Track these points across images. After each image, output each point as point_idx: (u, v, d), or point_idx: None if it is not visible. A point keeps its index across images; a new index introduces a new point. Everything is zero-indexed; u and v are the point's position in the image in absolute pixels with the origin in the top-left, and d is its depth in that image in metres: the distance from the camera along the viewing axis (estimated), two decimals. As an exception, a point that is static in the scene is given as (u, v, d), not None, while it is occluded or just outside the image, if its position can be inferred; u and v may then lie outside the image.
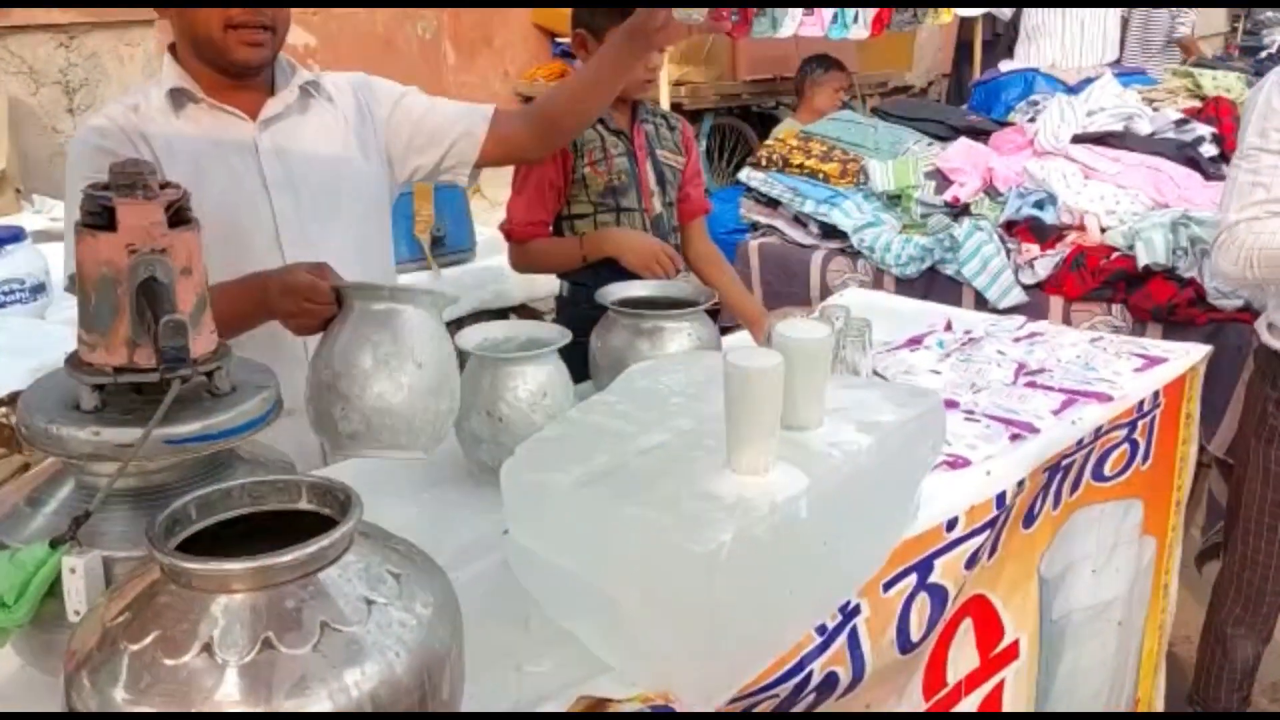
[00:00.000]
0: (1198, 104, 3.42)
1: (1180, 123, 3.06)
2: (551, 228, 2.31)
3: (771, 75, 6.07)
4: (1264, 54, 5.93)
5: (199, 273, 1.07)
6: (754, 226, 3.51)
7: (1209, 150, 3.02)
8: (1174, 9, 5.70)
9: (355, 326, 1.30)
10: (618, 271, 2.13)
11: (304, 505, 0.96)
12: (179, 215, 1.06)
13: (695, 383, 1.39)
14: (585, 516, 1.12)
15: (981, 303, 2.72)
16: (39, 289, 2.73)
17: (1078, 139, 2.99)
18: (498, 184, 4.29)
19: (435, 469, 1.62)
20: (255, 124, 1.71)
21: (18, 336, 2.51)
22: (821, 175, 3.15)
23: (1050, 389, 1.86)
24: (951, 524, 1.49)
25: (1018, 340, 2.12)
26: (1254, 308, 2.41)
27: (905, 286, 2.86)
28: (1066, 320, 2.60)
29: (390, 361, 1.27)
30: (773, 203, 3.30)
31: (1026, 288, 2.67)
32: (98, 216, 1.02)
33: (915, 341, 2.11)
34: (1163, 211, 2.59)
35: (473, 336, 1.60)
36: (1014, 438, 1.66)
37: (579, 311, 2.21)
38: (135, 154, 1.63)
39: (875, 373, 1.93)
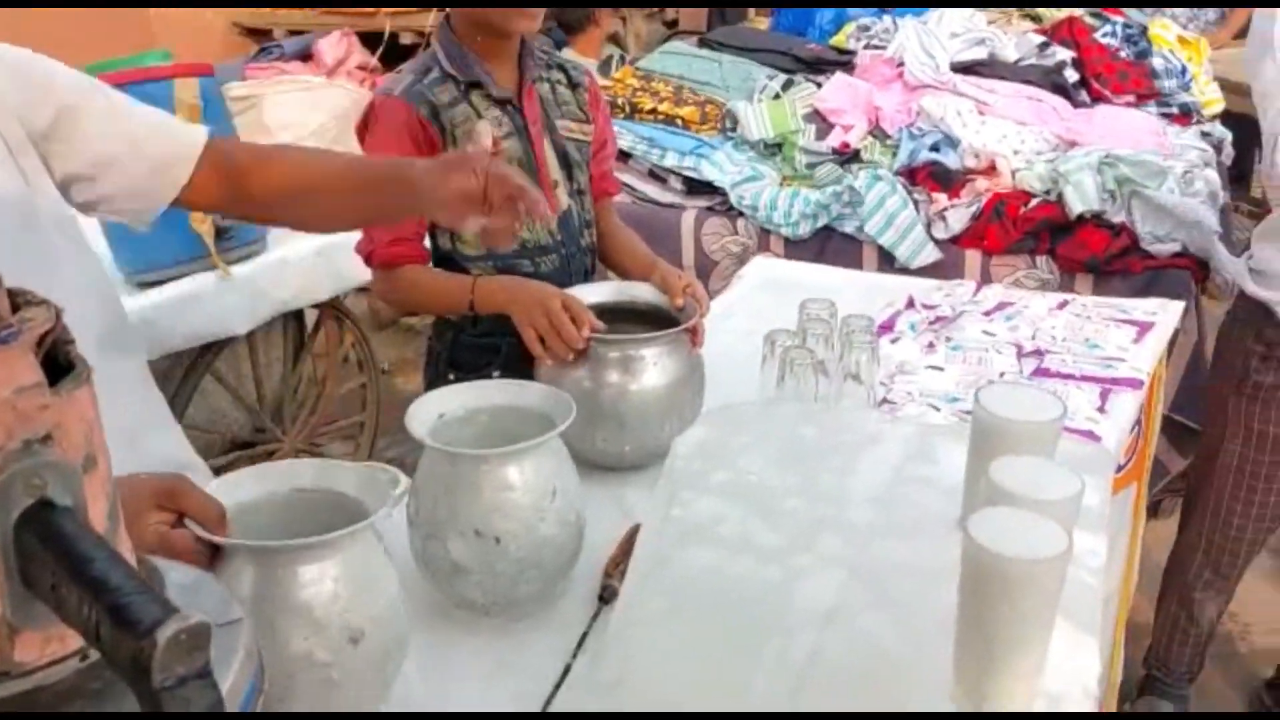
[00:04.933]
0: (1031, 24, 3.31)
1: (1042, 46, 2.89)
2: (431, 250, 1.68)
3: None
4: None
5: (105, 459, 0.57)
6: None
7: (1071, 76, 2.87)
8: None
9: None
10: None
11: None
12: (53, 354, 0.55)
13: (782, 457, 1.01)
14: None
15: (885, 262, 2.45)
16: None
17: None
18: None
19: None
20: None
21: None
22: (680, 121, 2.76)
23: (1071, 377, 1.61)
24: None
25: (988, 314, 1.86)
26: (1192, 252, 2.26)
27: (795, 248, 2.54)
28: (986, 277, 2.38)
29: None
30: (620, 155, 2.87)
31: (938, 242, 2.41)
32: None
33: (886, 328, 1.80)
34: (1083, 151, 2.39)
35: (423, 415, 1.13)
36: (1084, 453, 1.39)
37: (469, 332, 1.71)
38: None
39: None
